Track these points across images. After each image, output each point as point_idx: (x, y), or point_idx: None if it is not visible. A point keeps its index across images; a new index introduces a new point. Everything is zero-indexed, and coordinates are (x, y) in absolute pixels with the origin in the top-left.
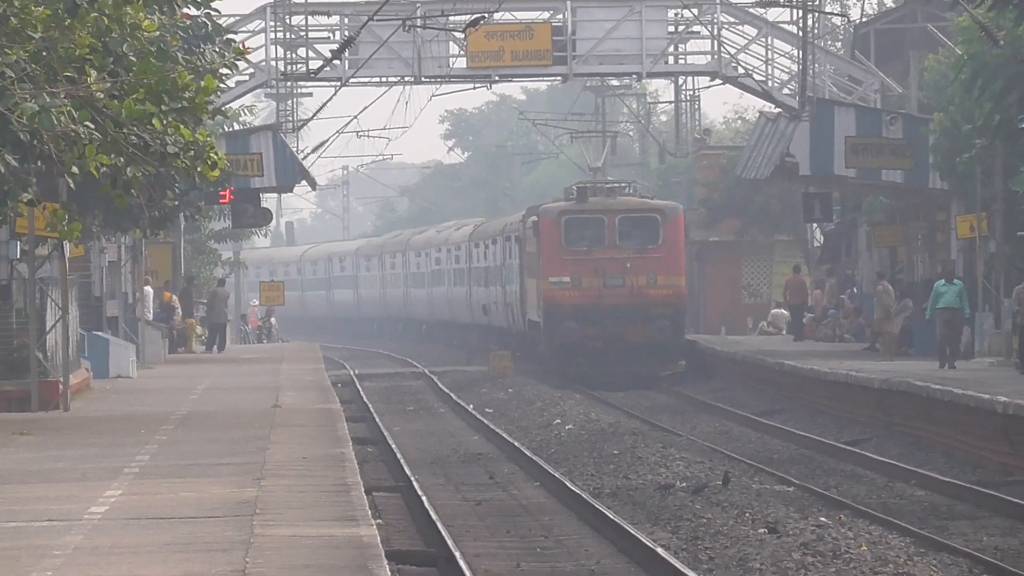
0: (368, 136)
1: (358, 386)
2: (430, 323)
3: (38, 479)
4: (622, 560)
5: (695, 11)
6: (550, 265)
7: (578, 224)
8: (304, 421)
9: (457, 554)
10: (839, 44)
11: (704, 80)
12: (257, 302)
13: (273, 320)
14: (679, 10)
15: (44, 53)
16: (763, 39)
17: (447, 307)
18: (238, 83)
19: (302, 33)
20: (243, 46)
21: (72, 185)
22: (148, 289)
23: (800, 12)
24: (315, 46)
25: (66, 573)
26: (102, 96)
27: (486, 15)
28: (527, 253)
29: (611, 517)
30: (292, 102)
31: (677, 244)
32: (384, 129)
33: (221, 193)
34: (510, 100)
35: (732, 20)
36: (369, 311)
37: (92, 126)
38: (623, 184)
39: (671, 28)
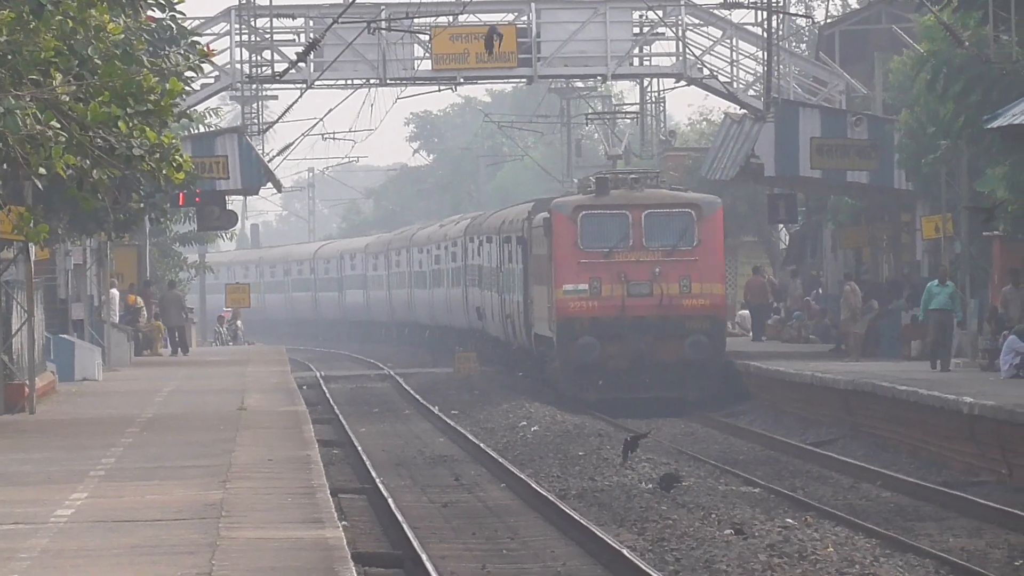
0: (333, 138)
1: (324, 388)
2: (432, 328)
3: (3, 482)
4: (588, 562)
5: (660, 13)
6: (564, 270)
7: (597, 221)
8: (270, 423)
9: (423, 556)
10: (804, 45)
11: (669, 82)
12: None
13: (239, 323)
14: (644, 12)
15: (9, 56)
16: (728, 41)
17: (446, 311)
18: (203, 86)
19: (267, 36)
20: (208, 48)
21: (40, 186)
22: (114, 292)
23: (765, 14)
24: (280, 48)
25: None
26: (67, 99)
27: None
28: (534, 256)
29: (577, 519)
30: (257, 105)
31: (715, 245)
32: (349, 131)
33: (196, 194)
34: (475, 102)
35: (697, 22)
36: (357, 315)
37: (59, 126)
38: (650, 174)
39: (636, 30)
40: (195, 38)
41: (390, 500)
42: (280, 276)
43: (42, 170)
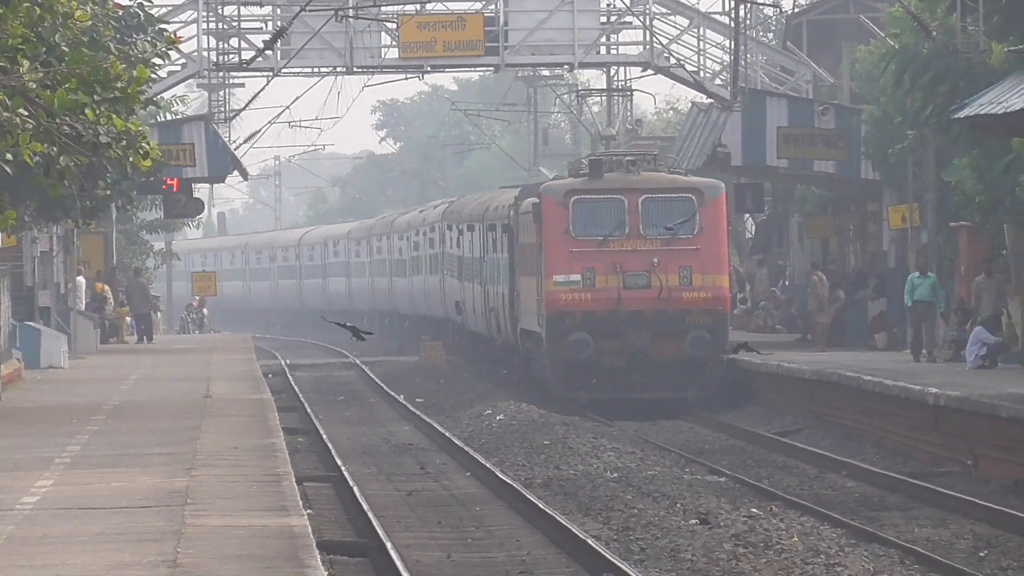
0: (300, 126)
1: (289, 376)
2: (412, 318)
3: None
4: (553, 551)
5: (627, 2)
6: (555, 260)
7: (590, 206)
8: (235, 411)
9: (388, 545)
10: (771, 35)
11: (636, 70)
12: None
13: (205, 310)
14: (611, 0)
15: None
16: (695, 29)
17: (424, 300)
18: (170, 73)
19: (234, 23)
20: (175, 36)
21: (8, 171)
22: (80, 279)
23: (732, 2)
24: (247, 36)
25: None
26: (35, 86)
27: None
28: (521, 245)
29: (542, 507)
30: (224, 92)
31: (718, 233)
32: (316, 119)
33: (163, 182)
34: (442, 90)
35: (664, 10)
36: (340, 303)
37: (26, 113)
38: (648, 155)
39: (603, 18)
40: (162, 25)
41: (355, 488)
42: (266, 263)
43: (9, 156)
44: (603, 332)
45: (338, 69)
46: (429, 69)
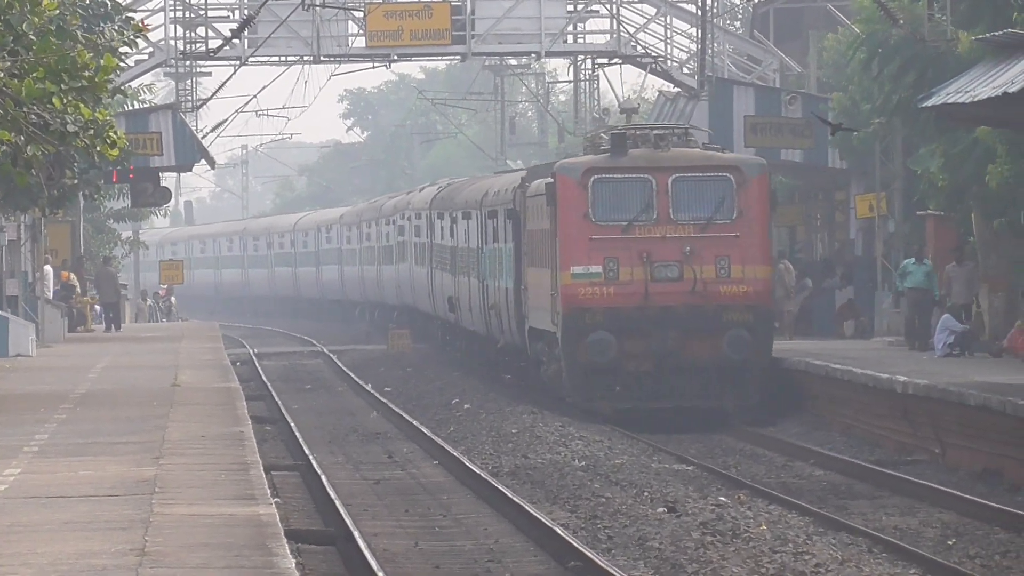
0: (267, 115)
1: (257, 365)
2: (400, 308)
3: None
4: (521, 539)
5: None
6: (572, 249)
7: (613, 187)
8: (203, 400)
9: (356, 533)
10: (738, 23)
11: (603, 59)
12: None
13: (173, 299)
14: None
15: None
16: (662, 18)
17: (410, 290)
18: (137, 62)
19: (201, 12)
20: (142, 24)
21: None
22: (48, 268)
23: None
24: (214, 25)
25: None
26: (2, 75)
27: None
28: (530, 233)
29: (510, 496)
30: (191, 81)
31: (759, 217)
32: (283, 108)
33: (129, 171)
34: (409, 79)
35: None
36: (334, 293)
37: None
38: (678, 129)
39: (570, 7)
40: (129, 14)
41: (323, 477)
42: (264, 250)
43: None
44: (627, 332)
45: (305, 58)
46: (396, 58)
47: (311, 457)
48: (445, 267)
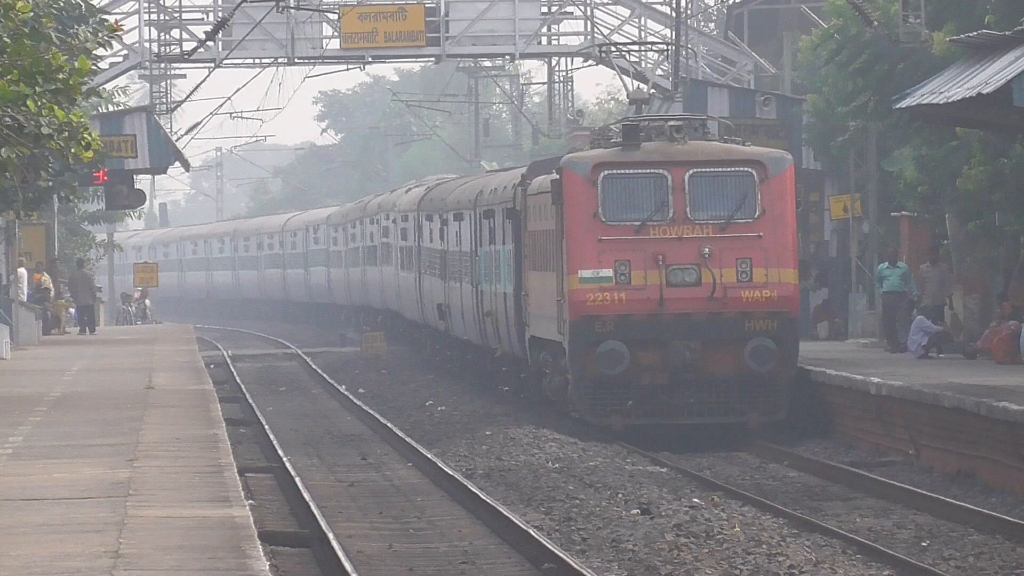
0: (242, 117)
1: (231, 367)
2: (385, 312)
3: None
4: (495, 541)
5: None
6: (580, 251)
7: (625, 184)
8: (177, 402)
9: (330, 535)
10: (712, 25)
11: (577, 61)
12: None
13: (148, 301)
14: None
15: None
16: (636, 19)
17: (396, 297)
18: (112, 64)
19: (176, 14)
20: (117, 24)
21: None
22: (22, 271)
23: None
24: (189, 27)
25: None
26: None
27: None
28: (532, 234)
29: (484, 498)
30: (166, 83)
31: (784, 216)
32: (258, 110)
33: (95, 174)
34: (383, 81)
35: (605, 0)
36: (320, 296)
37: None
38: (695, 121)
39: (544, 9)
40: (104, 16)
41: (297, 479)
42: (253, 251)
43: None
44: (641, 341)
45: (280, 60)
46: (370, 60)
47: (285, 459)
48: (435, 272)
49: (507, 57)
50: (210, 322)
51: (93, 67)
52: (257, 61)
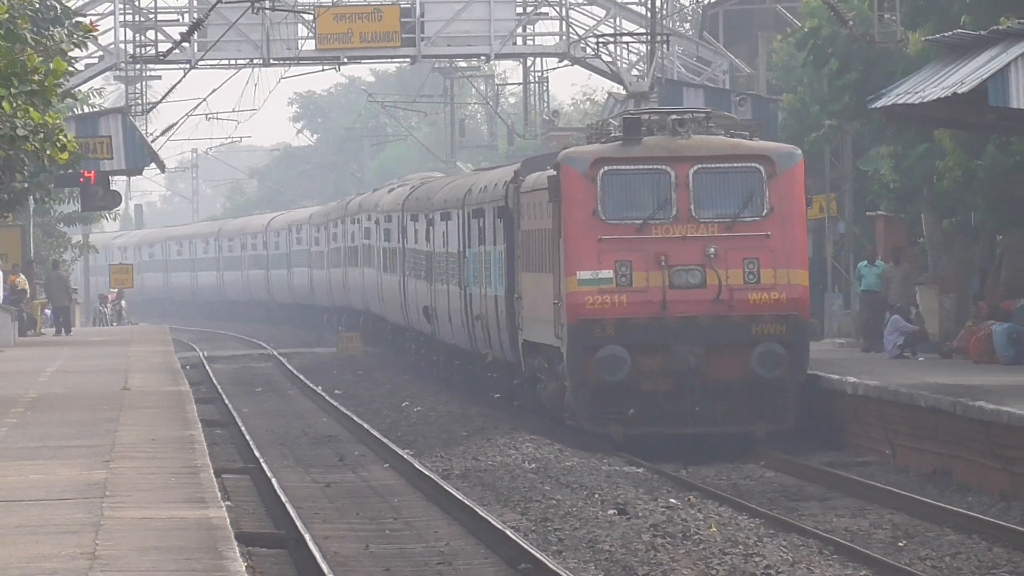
0: (217, 119)
1: (207, 368)
2: (366, 315)
3: None
4: (471, 541)
5: None
6: (579, 251)
7: (626, 181)
8: (153, 403)
9: (307, 536)
10: (688, 25)
11: (553, 61)
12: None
13: (123, 303)
14: None
15: None
16: (611, 20)
17: (379, 301)
18: (87, 66)
19: (151, 15)
20: (92, 24)
21: None
22: None
23: None
24: (164, 28)
25: None
26: None
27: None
28: (525, 233)
29: (460, 498)
30: (141, 85)
31: (793, 214)
32: (233, 112)
33: (86, 174)
34: (359, 82)
35: (580, 1)
36: (303, 297)
37: None
38: (698, 114)
39: (519, 9)
40: (79, 18)
41: (273, 480)
42: (238, 251)
43: None
44: (643, 346)
45: (255, 61)
46: (346, 61)
47: (261, 460)
48: (420, 274)
49: (482, 58)
50: (194, 324)
51: (68, 68)
52: (232, 62)
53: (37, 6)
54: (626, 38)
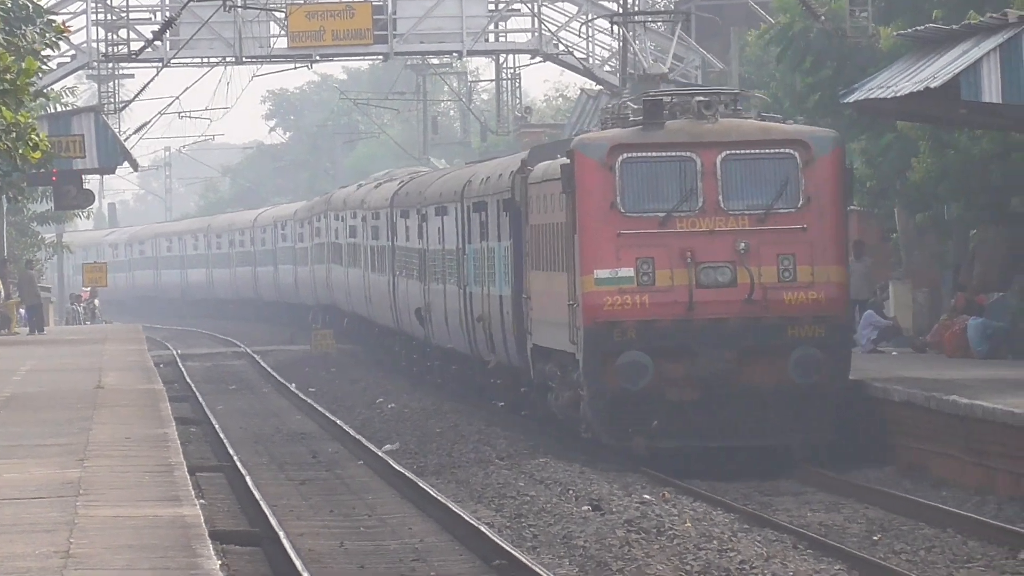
0: (190, 117)
1: (181, 366)
2: (351, 316)
3: None
4: (446, 538)
5: None
6: (596, 247)
7: (648, 169)
8: (127, 402)
9: (281, 534)
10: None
11: (525, 58)
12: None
13: (96, 301)
14: None
15: None
16: (583, 16)
17: (365, 303)
18: (60, 65)
19: (123, 14)
20: (64, 25)
21: None
22: None
23: None
24: (136, 27)
25: None
26: None
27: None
28: (534, 228)
29: (434, 495)
30: (114, 83)
31: (831, 205)
32: (206, 110)
33: (54, 172)
34: (331, 80)
35: None
36: (288, 295)
37: None
38: (725, 96)
39: (491, 6)
40: (51, 17)
41: (248, 478)
42: (226, 248)
43: None
44: (667, 351)
45: (227, 59)
46: (318, 58)
47: (235, 458)
48: (411, 274)
49: (455, 54)
50: (183, 323)
51: (41, 68)
52: (205, 60)
53: (9, 5)
54: (599, 35)
